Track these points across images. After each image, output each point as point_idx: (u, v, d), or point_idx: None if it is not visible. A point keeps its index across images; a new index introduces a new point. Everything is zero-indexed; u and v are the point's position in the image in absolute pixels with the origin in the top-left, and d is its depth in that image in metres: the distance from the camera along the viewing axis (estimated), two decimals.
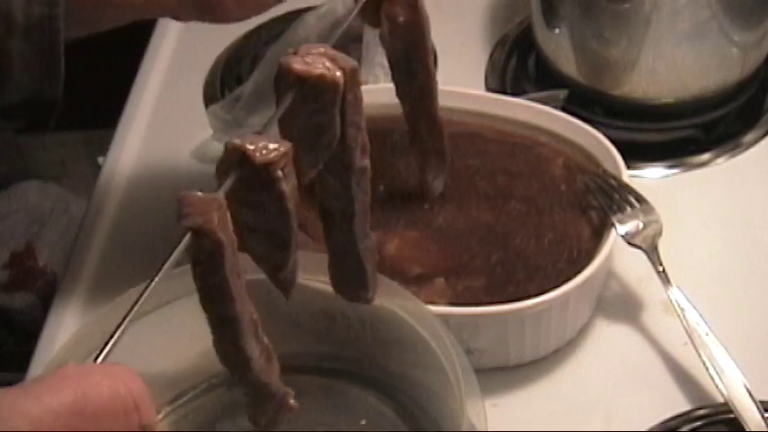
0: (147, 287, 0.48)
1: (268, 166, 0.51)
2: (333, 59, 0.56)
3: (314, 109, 0.57)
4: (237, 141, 0.51)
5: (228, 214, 0.50)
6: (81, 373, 0.44)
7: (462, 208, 0.77)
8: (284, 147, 0.51)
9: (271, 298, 0.70)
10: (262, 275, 0.67)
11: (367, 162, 0.61)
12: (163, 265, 0.48)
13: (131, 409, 0.44)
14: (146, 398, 0.44)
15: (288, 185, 0.52)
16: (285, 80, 0.56)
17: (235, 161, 0.51)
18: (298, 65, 0.56)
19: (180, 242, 0.48)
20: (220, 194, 0.50)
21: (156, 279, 0.48)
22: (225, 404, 0.71)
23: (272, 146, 0.51)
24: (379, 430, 0.68)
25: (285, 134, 0.57)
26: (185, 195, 0.49)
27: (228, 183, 0.51)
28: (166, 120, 0.96)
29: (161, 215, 0.86)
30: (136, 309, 0.47)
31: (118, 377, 0.44)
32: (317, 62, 0.56)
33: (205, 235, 0.49)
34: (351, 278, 0.64)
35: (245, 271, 0.52)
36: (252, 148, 0.51)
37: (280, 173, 0.51)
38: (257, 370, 0.55)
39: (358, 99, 0.58)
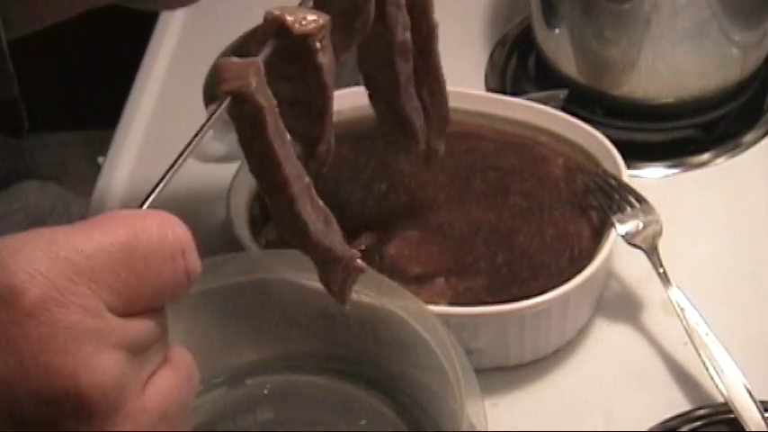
0: (189, 145, 0.48)
1: (307, 37, 0.50)
2: None
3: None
4: (277, 11, 0.50)
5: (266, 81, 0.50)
6: (132, 216, 0.43)
7: (463, 207, 0.77)
8: (322, 19, 0.51)
9: (271, 298, 0.70)
10: (260, 276, 0.67)
11: (408, 35, 0.65)
12: (202, 127, 0.48)
13: (178, 255, 0.43)
14: (192, 245, 0.44)
15: (325, 57, 0.51)
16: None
17: (273, 31, 0.50)
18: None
19: (220, 105, 0.48)
20: (259, 60, 0.49)
21: (197, 140, 0.48)
22: (225, 404, 0.71)
23: (310, 17, 0.50)
24: (379, 430, 0.68)
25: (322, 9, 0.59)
26: (223, 61, 0.49)
27: (267, 51, 0.50)
28: (166, 120, 0.96)
29: None
30: (180, 162, 0.48)
31: (166, 223, 0.44)
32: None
33: (245, 99, 0.48)
34: (399, 138, 0.69)
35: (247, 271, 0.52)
36: (291, 18, 0.50)
37: (318, 44, 0.50)
38: (316, 234, 0.54)
39: None
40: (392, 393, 0.69)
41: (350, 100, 0.78)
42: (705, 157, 0.88)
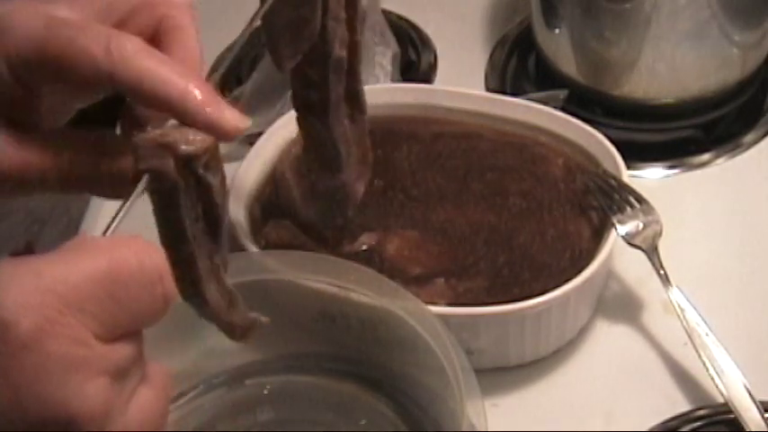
0: (113, 220, 0.48)
1: (192, 159, 0.49)
2: None
3: (298, 2, 0.59)
4: (158, 131, 0.49)
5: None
6: (111, 244, 0.45)
7: (462, 208, 0.77)
8: (209, 140, 0.50)
9: (270, 298, 0.70)
10: (260, 276, 0.67)
11: (344, 53, 0.64)
12: (125, 202, 0.49)
13: (156, 281, 0.45)
14: (168, 270, 0.46)
15: (215, 178, 0.51)
16: None
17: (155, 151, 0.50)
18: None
19: (138, 184, 0.49)
20: (174, 136, 0.49)
21: (121, 214, 0.49)
22: (225, 404, 0.71)
23: (195, 137, 0.49)
24: (379, 430, 0.68)
25: (268, 30, 0.60)
26: (139, 138, 0.49)
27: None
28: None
29: None
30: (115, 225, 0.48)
31: (143, 250, 0.45)
32: None
33: (161, 177, 0.49)
34: (326, 162, 0.68)
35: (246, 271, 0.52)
36: (175, 138, 0.49)
37: (202, 167, 0.50)
38: (218, 311, 0.55)
39: None
40: (392, 393, 0.69)
41: None
42: (705, 157, 0.88)
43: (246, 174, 0.79)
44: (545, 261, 0.74)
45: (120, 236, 0.46)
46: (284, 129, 0.82)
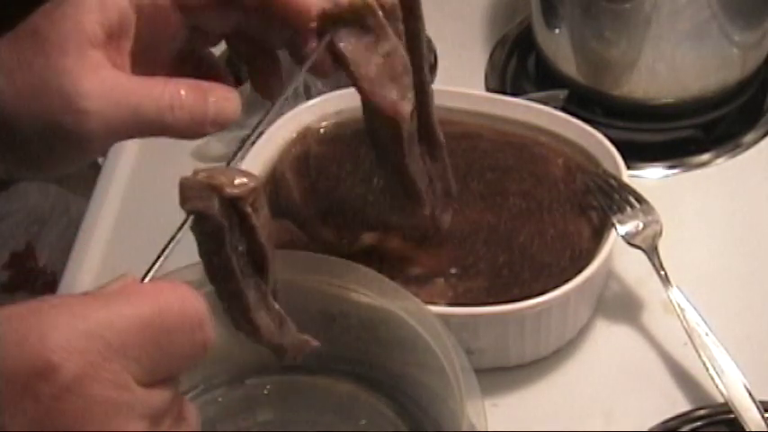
0: (156, 260, 0.49)
1: (238, 201, 0.51)
2: None
3: (368, 42, 0.59)
4: (205, 173, 0.51)
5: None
6: (156, 291, 0.46)
7: (463, 208, 0.77)
8: (253, 182, 0.52)
9: None
10: None
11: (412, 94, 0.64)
12: (169, 242, 0.50)
13: (197, 328, 0.46)
14: (208, 318, 0.46)
15: (258, 219, 0.52)
16: (323, 25, 0.58)
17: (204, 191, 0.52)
18: (329, 9, 0.57)
19: (183, 224, 0.50)
20: (222, 178, 0.51)
21: (166, 254, 0.49)
22: (225, 404, 0.71)
23: (240, 180, 0.51)
24: (379, 430, 0.68)
25: (356, 80, 0.60)
26: (186, 180, 0.51)
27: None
28: None
29: (161, 215, 0.86)
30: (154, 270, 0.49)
31: (186, 298, 0.46)
32: None
33: (206, 218, 0.50)
34: (405, 201, 0.69)
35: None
36: (222, 180, 0.51)
37: (249, 208, 0.51)
38: (269, 335, 0.56)
39: (399, 33, 0.61)
40: (392, 393, 0.69)
41: (349, 99, 0.78)
42: (705, 157, 0.88)
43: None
44: (545, 261, 0.74)
45: (164, 281, 0.47)
46: (284, 129, 0.82)
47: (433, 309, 0.67)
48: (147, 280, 0.48)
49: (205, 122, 0.57)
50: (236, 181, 0.51)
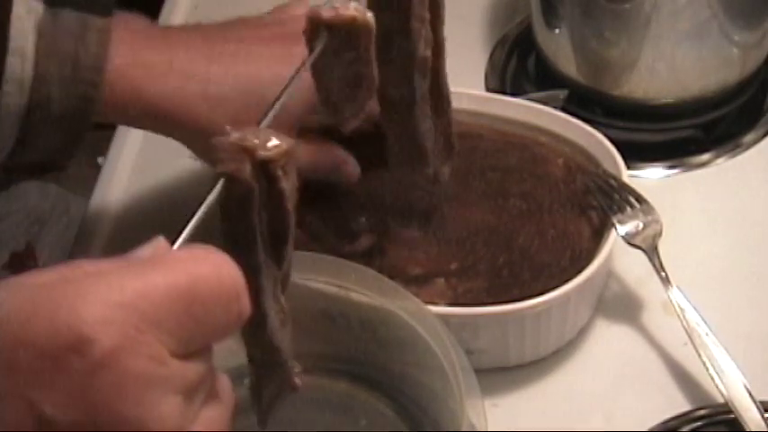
0: (186, 224, 0.47)
1: (268, 164, 0.49)
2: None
3: (349, 58, 0.57)
4: (237, 134, 0.49)
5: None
6: (190, 257, 0.44)
7: (463, 208, 0.77)
8: (286, 143, 0.50)
9: None
10: None
11: (429, 53, 0.65)
12: (199, 207, 0.48)
13: (233, 299, 0.44)
14: (245, 288, 0.45)
15: (288, 183, 0.50)
16: (315, 31, 0.56)
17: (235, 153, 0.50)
18: (326, 12, 0.55)
19: (215, 187, 0.48)
20: (254, 140, 0.49)
21: (197, 217, 0.48)
22: None
23: (273, 142, 0.49)
24: (379, 430, 0.68)
25: (321, 87, 0.58)
26: (219, 140, 0.49)
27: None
28: None
29: (161, 215, 0.86)
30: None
31: (222, 266, 0.44)
32: (346, 7, 0.56)
33: (237, 181, 0.48)
34: (410, 158, 0.69)
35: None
36: (254, 142, 0.49)
37: (280, 171, 0.50)
38: (270, 330, 0.54)
39: None
40: (392, 393, 0.69)
41: None
42: (705, 157, 0.88)
43: None
44: (545, 261, 0.74)
45: (199, 248, 0.45)
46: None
47: (433, 309, 0.67)
48: (176, 246, 0.46)
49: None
50: (270, 143, 0.49)
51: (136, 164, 0.92)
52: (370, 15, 0.56)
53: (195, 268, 0.43)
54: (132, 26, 0.71)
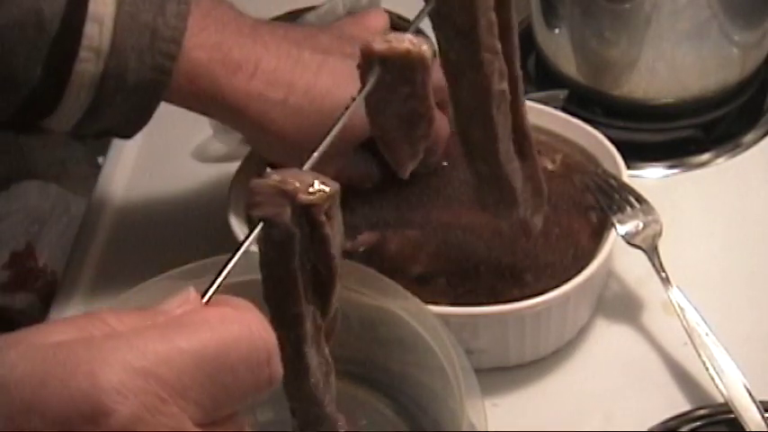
0: (219, 274, 0.44)
1: (311, 208, 0.46)
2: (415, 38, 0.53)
3: (404, 94, 0.53)
4: (277, 177, 0.46)
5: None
6: (219, 318, 0.41)
7: (463, 207, 0.77)
8: (330, 187, 0.47)
9: None
10: (260, 276, 0.67)
11: (505, 86, 0.60)
12: (238, 248, 0.45)
13: (264, 363, 0.41)
14: (276, 350, 0.42)
15: (332, 229, 0.48)
16: (367, 64, 0.52)
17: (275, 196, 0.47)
18: (378, 44, 0.52)
19: (252, 232, 0.46)
20: (296, 183, 0.46)
21: (230, 266, 0.45)
22: None
23: (317, 186, 0.46)
24: (379, 430, 0.68)
25: (375, 125, 0.55)
26: (257, 183, 0.46)
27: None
28: (166, 120, 0.96)
29: (161, 215, 0.86)
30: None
31: (254, 328, 0.41)
32: (400, 39, 0.52)
33: (276, 226, 0.46)
34: (499, 199, 0.65)
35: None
36: (296, 185, 0.46)
37: (323, 216, 0.47)
38: (315, 383, 0.51)
39: (491, 23, 0.57)
40: (392, 393, 0.69)
41: None
42: (705, 157, 0.88)
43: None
44: (546, 261, 0.74)
45: (229, 304, 0.42)
46: None
47: (433, 309, 0.67)
48: (207, 298, 0.43)
49: None
50: (312, 188, 0.46)
51: (136, 164, 0.92)
52: (425, 48, 0.52)
53: (225, 331, 0.40)
54: (223, 17, 0.71)
